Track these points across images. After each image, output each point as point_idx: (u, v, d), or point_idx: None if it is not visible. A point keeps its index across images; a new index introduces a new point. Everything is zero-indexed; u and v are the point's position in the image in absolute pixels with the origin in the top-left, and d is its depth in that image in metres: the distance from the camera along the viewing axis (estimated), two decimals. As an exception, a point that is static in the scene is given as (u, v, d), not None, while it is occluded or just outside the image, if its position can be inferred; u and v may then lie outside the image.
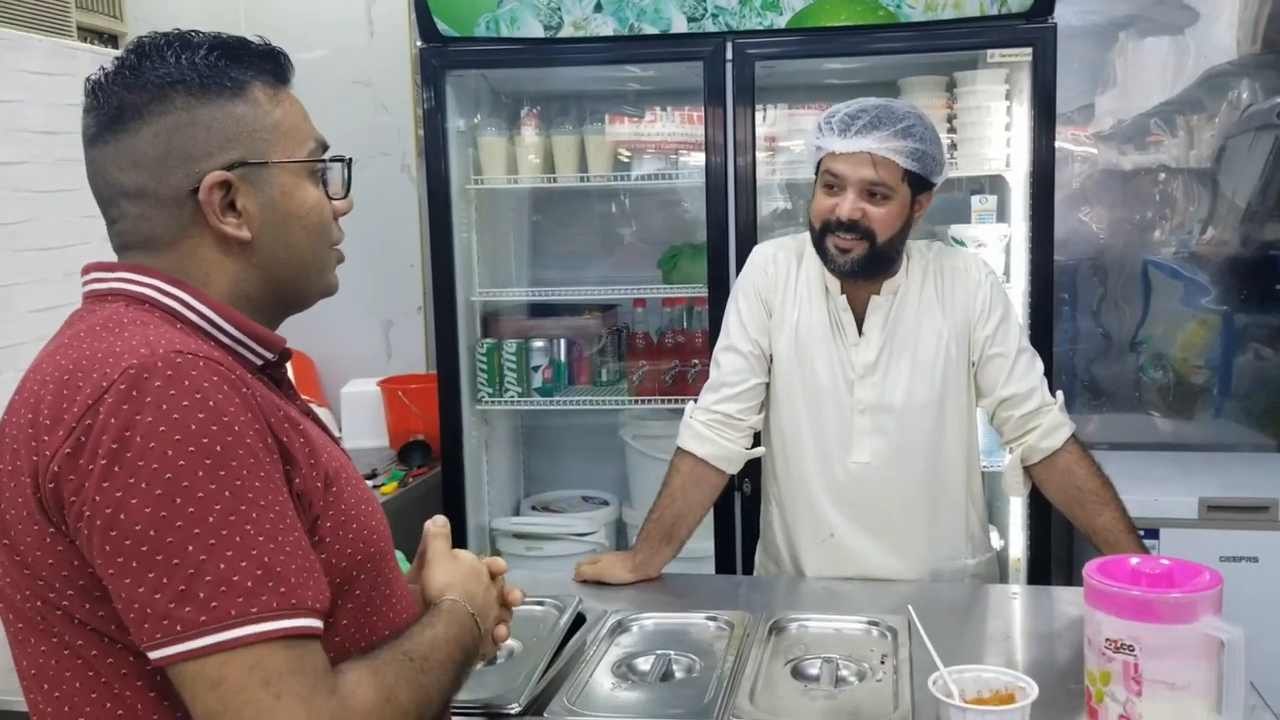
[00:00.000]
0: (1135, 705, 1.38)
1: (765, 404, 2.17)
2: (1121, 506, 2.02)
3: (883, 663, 1.69)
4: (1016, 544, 2.99)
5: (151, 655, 0.95)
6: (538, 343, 3.24)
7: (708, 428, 2.13)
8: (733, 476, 2.20)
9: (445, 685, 1.12)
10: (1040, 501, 2.58)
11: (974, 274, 2.12)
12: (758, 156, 2.92)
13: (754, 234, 2.88)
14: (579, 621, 1.84)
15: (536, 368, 3.22)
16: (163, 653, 0.94)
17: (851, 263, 2.01)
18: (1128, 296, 3.37)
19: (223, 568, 0.94)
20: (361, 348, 3.71)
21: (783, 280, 2.15)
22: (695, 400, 2.19)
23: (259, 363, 1.14)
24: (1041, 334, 2.78)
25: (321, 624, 0.99)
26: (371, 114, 3.62)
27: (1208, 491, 2.81)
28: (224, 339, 1.10)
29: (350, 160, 1.20)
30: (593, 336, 3.34)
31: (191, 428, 0.95)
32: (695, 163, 3.09)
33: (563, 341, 3.28)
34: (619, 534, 3.45)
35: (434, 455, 3.25)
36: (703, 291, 3.02)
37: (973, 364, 2.11)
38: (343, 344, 3.66)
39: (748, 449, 2.16)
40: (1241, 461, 3.20)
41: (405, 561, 1.33)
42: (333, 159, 1.18)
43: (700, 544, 2.61)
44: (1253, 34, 3.23)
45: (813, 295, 2.12)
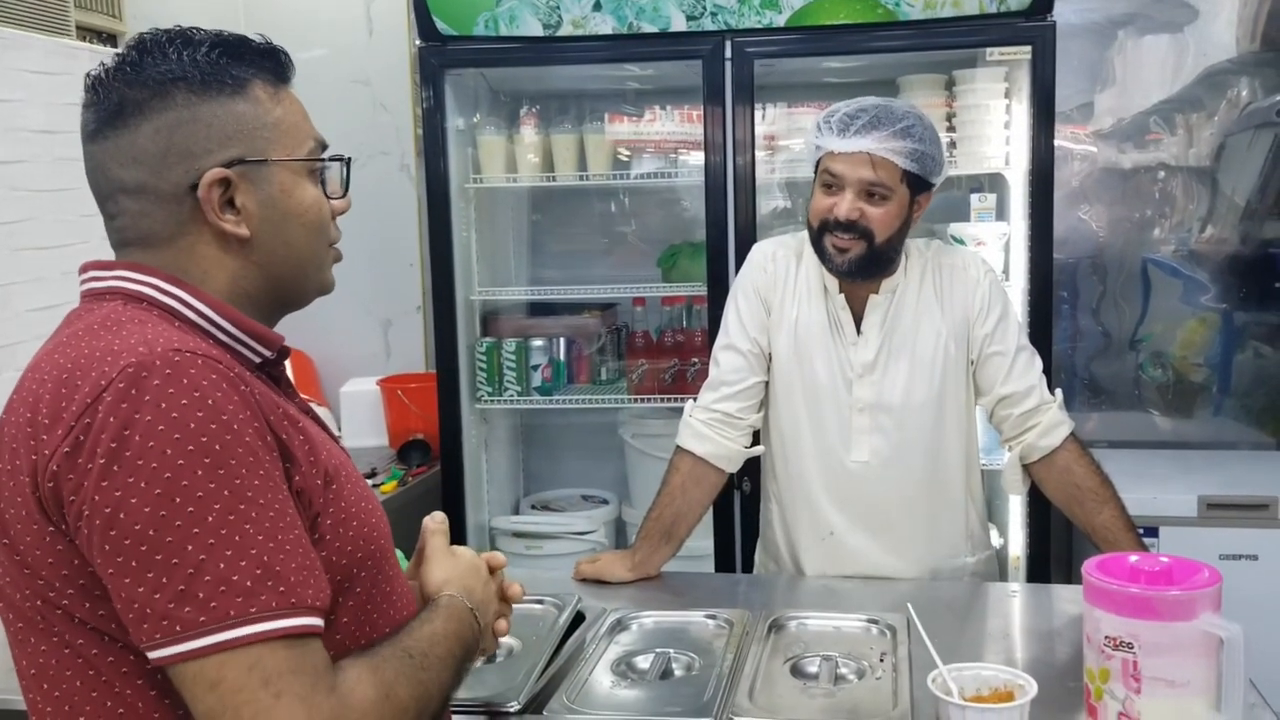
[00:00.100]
0: (1134, 703, 1.38)
1: (764, 402, 2.17)
2: (1121, 504, 2.02)
3: (882, 661, 1.69)
4: (1016, 542, 2.99)
5: (151, 655, 0.95)
6: (537, 342, 3.24)
7: (707, 426, 2.13)
8: (732, 475, 2.20)
9: (445, 681, 1.12)
10: (1039, 500, 2.58)
11: (973, 272, 2.12)
12: (757, 155, 2.92)
13: (753, 233, 2.88)
14: (578, 620, 1.84)
15: (536, 367, 3.22)
16: (162, 653, 0.94)
17: (849, 262, 2.01)
18: (1127, 295, 3.37)
19: (222, 567, 0.94)
20: (361, 347, 3.71)
21: (782, 279, 2.14)
22: (694, 399, 2.19)
23: (258, 360, 1.13)
24: (1041, 332, 2.79)
25: (322, 622, 0.99)
26: (370, 113, 3.62)
27: (1207, 489, 2.82)
28: (222, 337, 1.10)
29: (349, 160, 1.20)
30: (592, 335, 3.34)
31: (190, 426, 0.95)
32: (694, 161, 3.09)
33: (562, 340, 3.28)
34: (618, 533, 3.45)
35: (433, 454, 3.25)
36: (702, 290, 3.02)
37: (971, 362, 2.11)
38: (342, 343, 3.66)
39: (747, 447, 2.16)
40: (1241, 459, 3.20)
41: (405, 560, 1.33)
42: (332, 158, 1.18)
43: (699, 542, 2.61)
44: (1252, 32, 3.23)
45: (811, 294, 2.12)
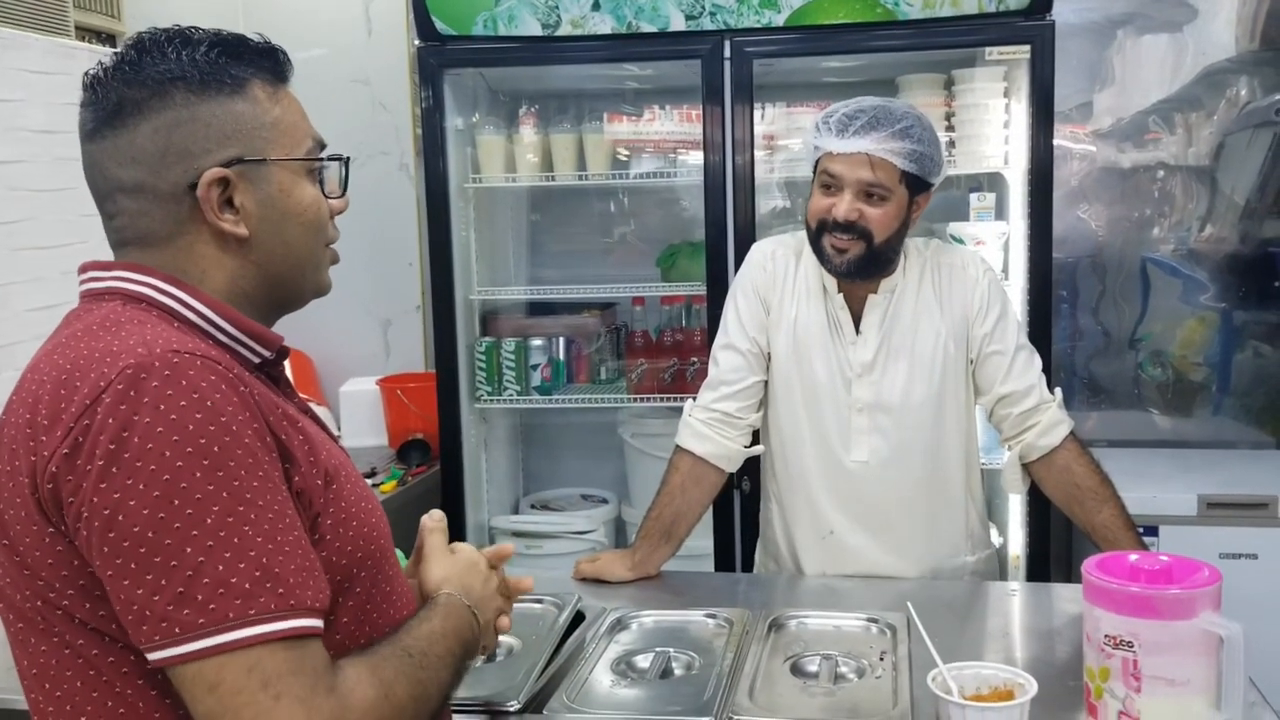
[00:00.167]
0: (1134, 701, 1.37)
1: (764, 402, 2.17)
2: (1120, 503, 2.02)
3: (882, 660, 1.69)
4: (1016, 541, 2.99)
5: (150, 657, 0.95)
6: (536, 341, 3.24)
7: (707, 426, 2.13)
8: (732, 474, 2.20)
9: (444, 680, 1.12)
10: (1039, 499, 2.58)
11: (972, 271, 2.12)
12: (756, 155, 2.91)
13: (752, 232, 2.88)
14: (578, 619, 1.84)
15: (535, 366, 3.22)
16: (161, 654, 0.94)
17: (848, 263, 2.01)
18: (1126, 294, 3.37)
19: (221, 569, 0.94)
20: (360, 346, 3.71)
21: (781, 278, 2.14)
22: (694, 398, 2.19)
23: (257, 361, 1.13)
24: (1040, 331, 2.79)
25: (321, 623, 0.99)
26: (370, 113, 3.62)
27: (1207, 488, 2.82)
28: (221, 337, 1.10)
29: (348, 159, 1.20)
30: (591, 335, 3.34)
31: (189, 427, 0.95)
32: (694, 161, 3.09)
33: (561, 340, 3.28)
34: (618, 532, 3.45)
35: (433, 454, 3.25)
36: (701, 290, 3.02)
37: (971, 361, 2.11)
38: (341, 343, 3.66)
39: (746, 447, 2.16)
40: (1240, 458, 3.20)
41: (405, 560, 1.33)
42: (330, 158, 1.18)
43: (699, 542, 2.61)
44: (1251, 31, 3.23)
45: (810, 294, 2.12)
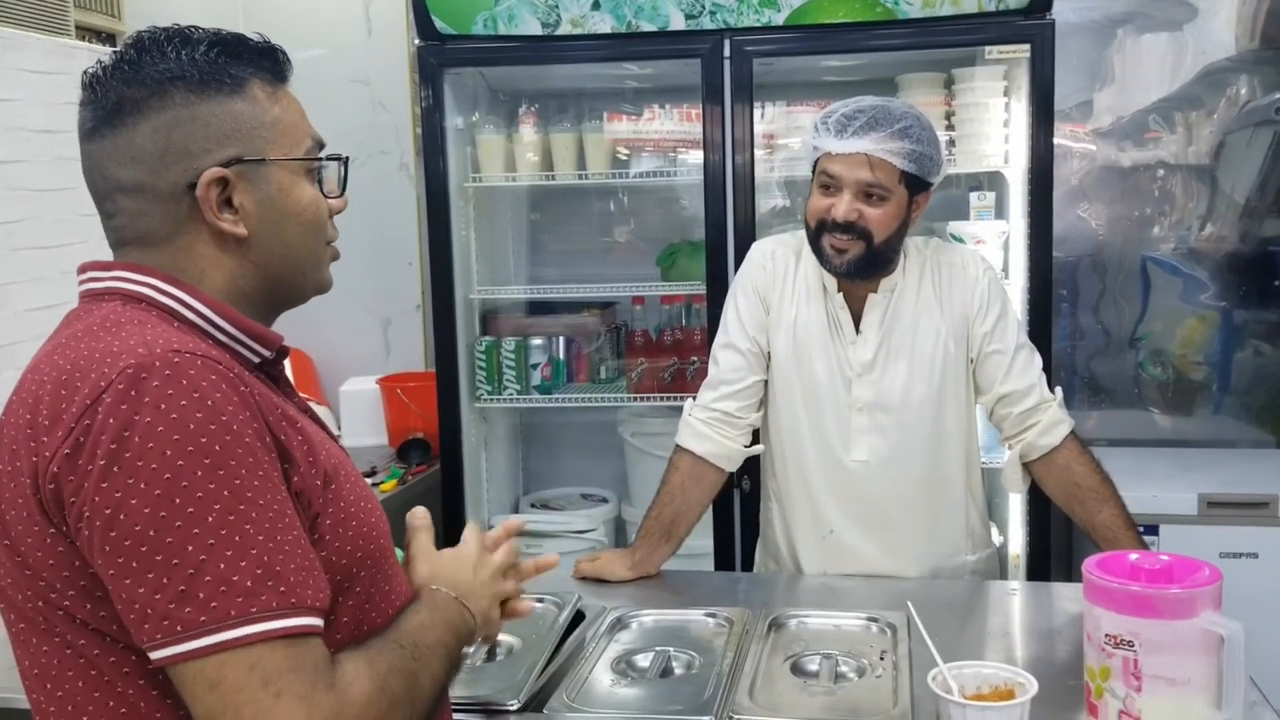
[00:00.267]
0: (1135, 701, 1.37)
1: (764, 401, 2.17)
2: (1121, 503, 2.02)
3: (882, 659, 1.69)
4: (1016, 540, 2.99)
5: (152, 656, 0.95)
6: (536, 340, 3.24)
7: (707, 425, 2.13)
8: (732, 474, 2.20)
9: (437, 669, 1.11)
10: (1040, 498, 2.57)
11: (972, 270, 2.12)
12: (756, 154, 2.91)
13: (752, 231, 2.88)
14: (578, 618, 1.84)
15: (535, 365, 3.22)
16: (163, 653, 0.94)
17: (848, 263, 2.01)
18: (1127, 293, 3.37)
19: (222, 567, 0.94)
20: (360, 346, 3.71)
21: (781, 277, 2.14)
22: (694, 398, 2.18)
23: (256, 360, 1.13)
24: (1040, 331, 2.79)
25: (321, 622, 0.99)
26: (370, 112, 3.62)
27: (1207, 488, 2.82)
28: (221, 337, 1.10)
29: (347, 159, 1.20)
30: (591, 334, 3.34)
31: (190, 427, 0.95)
32: (693, 160, 3.09)
33: (561, 339, 3.28)
34: (618, 531, 3.45)
35: (433, 453, 3.25)
36: (701, 289, 3.01)
37: (971, 361, 2.11)
38: (341, 342, 3.66)
39: (746, 446, 2.16)
40: (1241, 458, 3.19)
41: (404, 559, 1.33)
42: (329, 157, 1.18)
43: (699, 541, 2.61)
44: (1251, 30, 3.23)
45: (810, 293, 2.12)
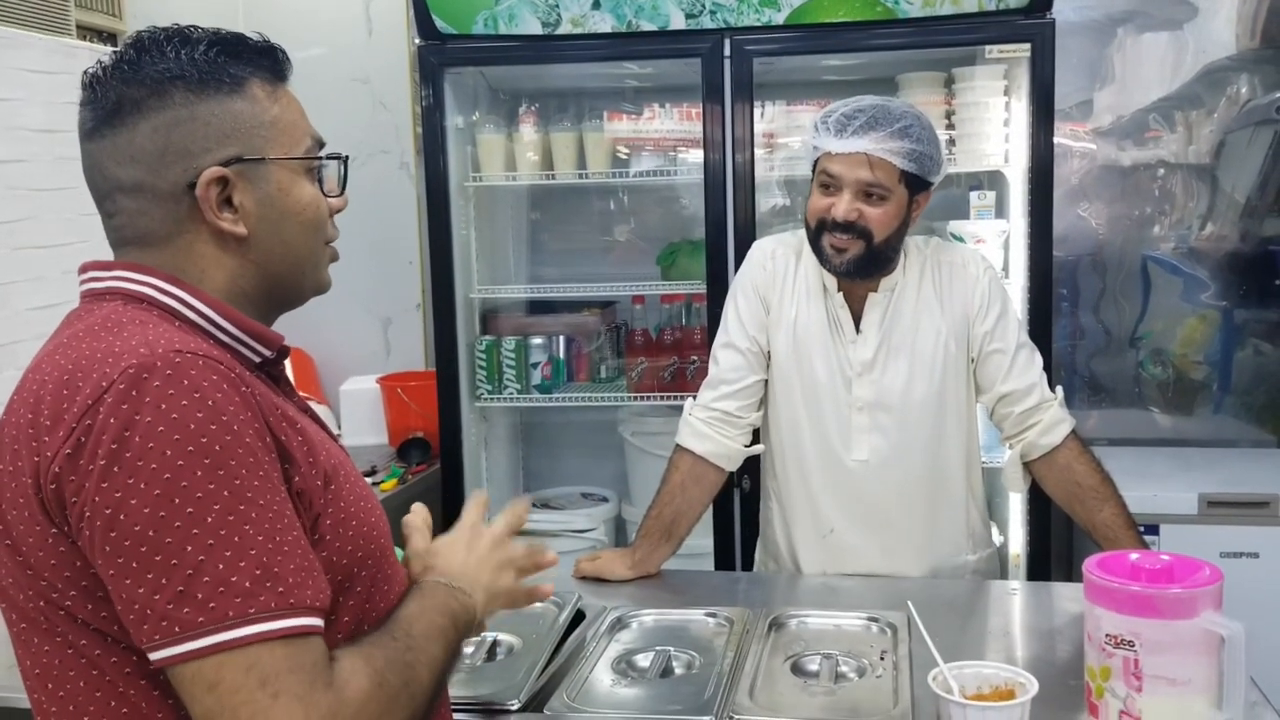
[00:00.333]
0: (1136, 701, 1.37)
1: (764, 401, 2.17)
2: (1121, 502, 2.02)
3: (882, 659, 1.68)
4: (1016, 540, 2.99)
5: (151, 657, 0.95)
6: (536, 340, 3.24)
7: (707, 425, 2.13)
8: (732, 473, 2.20)
9: (434, 656, 1.10)
10: (1040, 497, 2.57)
11: (972, 269, 2.11)
12: (756, 153, 2.91)
13: (752, 230, 2.88)
14: (579, 618, 1.84)
15: (535, 365, 3.22)
16: (162, 654, 0.94)
17: (848, 262, 2.01)
18: (1127, 292, 3.37)
19: (221, 568, 0.94)
20: (360, 345, 3.71)
21: (781, 277, 2.14)
22: (694, 397, 2.18)
23: (257, 360, 1.13)
24: (1041, 330, 2.78)
25: (321, 622, 0.99)
26: (370, 112, 3.62)
27: (1208, 487, 2.81)
28: (222, 337, 1.10)
29: (347, 158, 1.20)
30: (591, 333, 3.34)
31: (190, 427, 0.95)
32: (694, 159, 3.09)
33: (561, 338, 3.28)
34: (618, 530, 3.44)
35: (433, 452, 3.25)
36: (701, 288, 3.01)
37: (972, 360, 2.11)
38: (342, 341, 3.66)
39: (747, 446, 2.16)
40: (1241, 457, 3.19)
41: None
42: (329, 156, 1.18)
43: (699, 541, 2.61)
44: (1251, 29, 3.23)
45: (811, 293, 2.12)
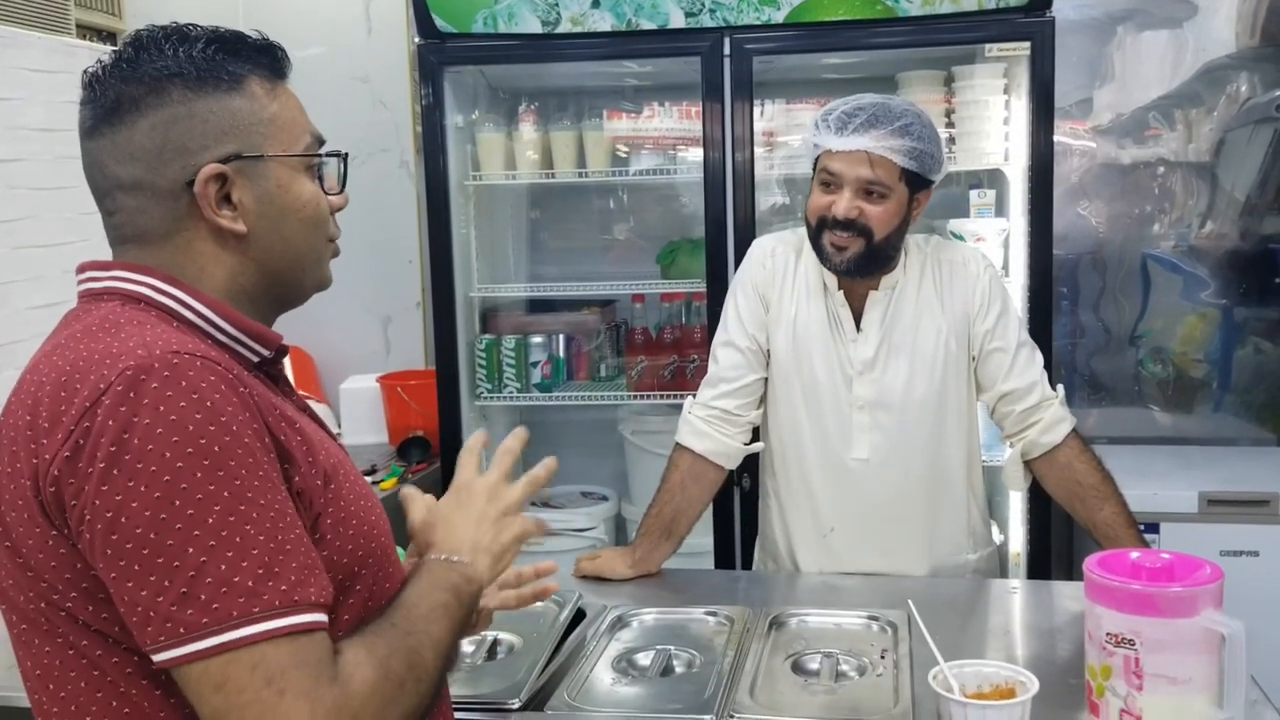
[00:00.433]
0: (1136, 700, 1.37)
1: (764, 399, 2.17)
2: (1122, 501, 2.02)
3: (883, 658, 1.69)
4: (1016, 538, 2.98)
5: (155, 659, 0.95)
6: (536, 338, 3.24)
7: (706, 423, 2.13)
8: (731, 472, 2.20)
9: (438, 634, 1.09)
10: (1040, 496, 2.57)
11: (972, 268, 2.11)
12: (756, 151, 2.91)
13: (752, 229, 2.88)
14: (579, 617, 1.84)
15: (535, 363, 3.22)
16: (166, 655, 0.94)
17: (848, 261, 2.00)
18: (1127, 290, 3.37)
19: (223, 568, 0.94)
20: (360, 344, 3.71)
21: (781, 275, 2.14)
22: (694, 395, 2.18)
23: (256, 360, 1.13)
24: (1041, 328, 2.78)
25: (325, 618, 0.99)
26: (370, 110, 3.62)
27: (1208, 486, 2.81)
28: (221, 337, 1.09)
29: (346, 155, 1.20)
30: (591, 332, 3.34)
31: (189, 428, 0.95)
32: (693, 158, 3.09)
33: (561, 337, 3.28)
34: (618, 529, 3.44)
35: (433, 451, 3.25)
36: (701, 287, 3.01)
37: (972, 359, 2.11)
38: (342, 340, 3.66)
39: (746, 444, 2.16)
40: (1241, 455, 3.19)
41: (405, 556, 1.33)
42: (328, 154, 1.17)
43: (699, 539, 2.61)
44: (1251, 27, 3.23)
45: (811, 291, 2.12)
